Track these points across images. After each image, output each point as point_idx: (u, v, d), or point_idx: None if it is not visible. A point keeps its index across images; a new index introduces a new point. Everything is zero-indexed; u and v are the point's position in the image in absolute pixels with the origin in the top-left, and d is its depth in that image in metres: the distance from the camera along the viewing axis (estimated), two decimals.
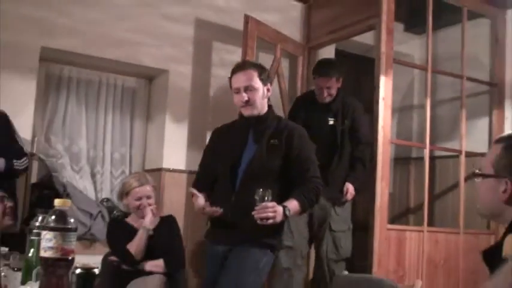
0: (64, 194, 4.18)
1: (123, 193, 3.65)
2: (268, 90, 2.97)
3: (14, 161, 3.62)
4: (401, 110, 5.66)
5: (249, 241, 2.82)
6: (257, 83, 2.91)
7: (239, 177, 2.89)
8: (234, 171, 2.91)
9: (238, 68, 2.97)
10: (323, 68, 4.23)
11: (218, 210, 2.81)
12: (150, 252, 3.45)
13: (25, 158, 3.70)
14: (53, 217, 1.70)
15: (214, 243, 2.99)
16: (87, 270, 1.43)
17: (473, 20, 4.99)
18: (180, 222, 3.80)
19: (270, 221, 2.64)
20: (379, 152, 4.12)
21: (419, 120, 5.38)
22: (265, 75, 2.98)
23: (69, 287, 1.65)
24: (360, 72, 5.60)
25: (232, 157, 2.93)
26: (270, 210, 2.63)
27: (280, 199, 2.76)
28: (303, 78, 5.03)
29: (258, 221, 2.64)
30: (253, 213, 2.63)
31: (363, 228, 4.41)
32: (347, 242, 4.10)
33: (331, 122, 4.13)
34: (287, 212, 2.71)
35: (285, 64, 4.95)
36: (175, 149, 4.58)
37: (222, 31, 4.77)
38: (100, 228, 4.10)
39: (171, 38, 4.60)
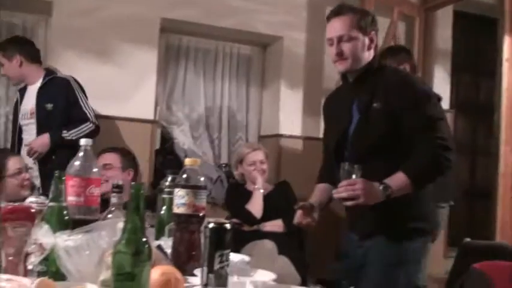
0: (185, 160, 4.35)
1: (238, 161, 3.79)
2: (371, 40, 2.36)
3: (64, 131, 3.51)
4: None
5: (387, 227, 2.30)
6: (354, 31, 2.32)
7: (345, 157, 2.35)
8: (341, 150, 2.40)
9: (333, 14, 2.37)
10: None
11: (311, 223, 2.35)
12: (267, 215, 3.57)
13: (86, 124, 3.56)
14: (185, 176, 1.80)
15: (349, 229, 2.50)
16: (220, 225, 1.49)
17: None
18: (296, 188, 3.84)
19: (352, 202, 2.13)
20: (503, 116, 3.94)
21: None
22: (367, 22, 2.36)
23: (201, 242, 1.73)
24: (480, 33, 5.35)
25: (337, 135, 2.42)
26: (351, 188, 2.12)
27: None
28: (420, 41, 4.87)
29: (344, 203, 2.18)
30: (333, 191, 2.20)
31: (483, 195, 4.26)
32: None
33: None
34: (385, 191, 2.15)
35: (401, 27, 4.82)
36: (290, 115, 4.60)
37: None
38: (219, 193, 4.25)
39: (285, 4, 4.59)
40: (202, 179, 1.81)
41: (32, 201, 1.77)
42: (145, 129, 4.20)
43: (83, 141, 1.77)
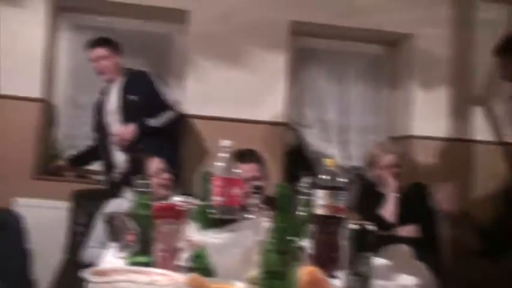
0: (315, 162, 4.37)
1: (370, 164, 3.73)
2: None
3: (147, 119, 3.63)
4: None
5: None
6: None
7: None
8: None
9: None
10: None
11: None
12: (401, 219, 3.47)
13: (169, 111, 3.70)
14: (324, 176, 1.79)
15: None
16: (364, 227, 1.46)
17: None
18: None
19: None
20: None
21: None
22: None
23: (341, 244, 1.72)
24: None
25: None
26: None
27: None
28: None
29: None
30: None
31: None
32: None
33: None
34: None
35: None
36: (426, 116, 4.44)
37: None
38: (349, 195, 4.20)
39: (415, 1, 4.44)
40: (341, 180, 1.79)
41: (180, 200, 1.84)
42: (275, 132, 4.25)
43: (225, 143, 1.82)
